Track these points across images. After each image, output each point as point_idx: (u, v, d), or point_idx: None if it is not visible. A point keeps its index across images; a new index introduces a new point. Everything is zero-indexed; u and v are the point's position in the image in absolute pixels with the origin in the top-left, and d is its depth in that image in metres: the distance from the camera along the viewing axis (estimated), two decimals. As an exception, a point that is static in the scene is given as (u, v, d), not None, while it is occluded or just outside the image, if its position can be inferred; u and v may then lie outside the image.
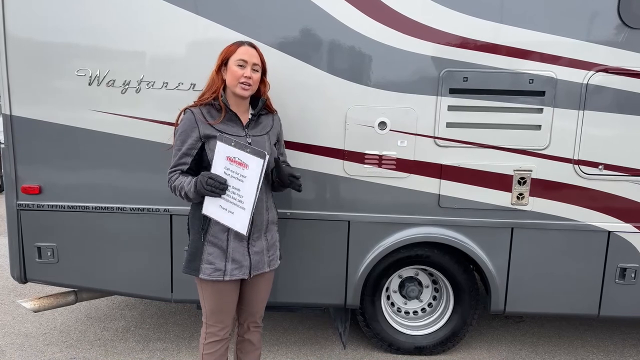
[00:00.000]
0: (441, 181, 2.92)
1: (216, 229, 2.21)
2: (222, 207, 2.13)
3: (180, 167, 2.22)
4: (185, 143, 2.20)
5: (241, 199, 2.09)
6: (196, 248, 2.24)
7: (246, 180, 2.07)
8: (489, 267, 3.03)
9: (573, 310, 3.11)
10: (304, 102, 2.87)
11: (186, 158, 2.21)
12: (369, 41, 2.79)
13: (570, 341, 3.59)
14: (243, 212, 2.09)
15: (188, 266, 2.26)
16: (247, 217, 2.09)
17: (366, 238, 3.01)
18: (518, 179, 2.91)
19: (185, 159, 2.21)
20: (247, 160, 2.06)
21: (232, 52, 2.25)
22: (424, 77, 2.82)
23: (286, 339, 3.53)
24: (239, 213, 2.10)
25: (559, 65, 2.80)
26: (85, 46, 2.81)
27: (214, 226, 2.21)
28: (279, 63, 2.81)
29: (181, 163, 2.21)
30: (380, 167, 2.91)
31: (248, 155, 2.05)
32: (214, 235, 2.21)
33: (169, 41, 2.80)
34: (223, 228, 2.20)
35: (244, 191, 2.08)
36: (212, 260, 2.21)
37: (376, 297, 3.21)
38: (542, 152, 2.89)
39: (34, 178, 2.93)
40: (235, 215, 2.10)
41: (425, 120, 2.86)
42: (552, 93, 2.82)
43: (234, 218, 2.11)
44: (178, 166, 2.22)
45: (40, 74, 2.83)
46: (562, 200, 2.94)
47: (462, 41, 2.78)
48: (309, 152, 2.91)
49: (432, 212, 2.96)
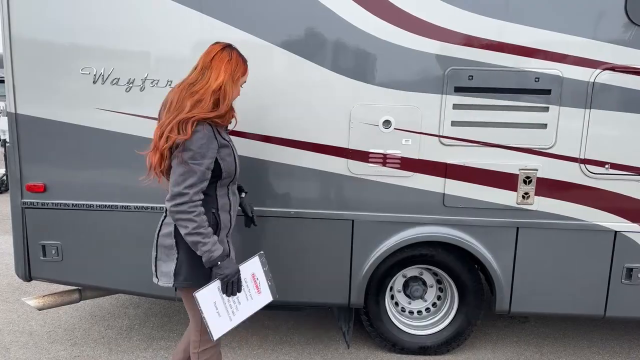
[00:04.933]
0: (446, 180, 2.90)
1: (222, 235, 2.17)
2: (215, 305, 2.08)
3: (203, 187, 2.03)
4: (205, 157, 2.01)
5: (235, 312, 2.14)
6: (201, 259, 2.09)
7: (250, 302, 2.20)
8: (494, 266, 3.01)
9: (579, 310, 3.09)
10: (308, 100, 2.86)
11: (208, 173, 2.05)
12: (374, 39, 2.77)
13: (576, 342, 3.57)
14: (228, 322, 2.13)
15: (189, 278, 2.11)
16: (227, 329, 2.13)
17: (370, 237, 3.00)
18: (524, 178, 2.88)
19: (207, 174, 2.04)
20: (263, 288, 2.24)
21: (243, 71, 2.18)
22: (429, 75, 2.81)
23: (290, 338, 3.52)
24: (223, 320, 2.11)
25: (566, 64, 2.78)
26: (89, 45, 2.81)
27: (221, 232, 2.17)
28: (283, 61, 2.80)
29: (205, 179, 2.03)
30: (384, 166, 2.89)
31: (267, 285, 2.25)
32: (221, 240, 2.16)
33: (173, 39, 2.80)
34: (225, 228, 2.19)
35: (242, 308, 2.16)
36: None
37: (380, 296, 3.19)
38: (548, 151, 2.86)
39: (38, 176, 2.93)
40: (220, 320, 2.10)
41: (430, 118, 2.85)
42: (558, 91, 2.79)
43: (217, 321, 2.09)
44: (201, 184, 2.01)
45: (44, 73, 2.83)
46: (568, 200, 2.92)
47: (468, 39, 2.77)
48: (313, 150, 2.90)
49: (436, 211, 2.95)
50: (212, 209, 2.13)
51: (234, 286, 2.08)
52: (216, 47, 2.13)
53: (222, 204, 2.17)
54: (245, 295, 2.17)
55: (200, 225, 1.99)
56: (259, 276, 2.23)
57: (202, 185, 2.02)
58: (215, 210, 2.14)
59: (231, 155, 2.16)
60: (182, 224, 2.00)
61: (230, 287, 2.07)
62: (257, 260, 2.23)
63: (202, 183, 2.02)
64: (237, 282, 2.09)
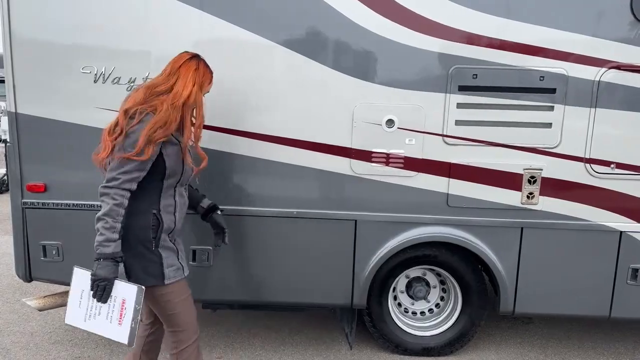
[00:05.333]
0: (450, 180, 2.87)
1: (164, 236, 2.14)
2: (82, 294, 2.04)
3: (138, 177, 2.00)
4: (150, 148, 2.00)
5: (91, 317, 2.04)
6: (150, 260, 2.10)
7: (107, 322, 2.03)
8: (498, 267, 2.99)
9: (583, 311, 3.06)
10: (310, 99, 2.83)
11: (146, 164, 2.02)
12: (376, 37, 2.75)
13: (581, 343, 3.54)
14: (81, 320, 2.05)
15: (147, 279, 2.08)
16: (77, 324, 2.06)
17: (373, 237, 2.97)
18: (528, 178, 2.86)
19: (145, 165, 2.01)
20: (125, 322, 2.01)
21: (209, 79, 2.24)
22: (433, 74, 2.78)
23: (292, 339, 3.50)
24: (79, 315, 2.05)
25: (570, 62, 2.75)
26: (90, 44, 2.79)
27: (162, 233, 2.13)
28: (284, 60, 2.78)
29: (141, 170, 2.01)
30: (387, 166, 2.87)
31: (129, 324, 2.00)
32: (164, 240, 2.14)
33: (174, 38, 2.77)
34: (168, 230, 2.14)
35: (99, 321, 2.03)
36: (171, 262, 2.15)
37: (383, 297, 3.16)
38: (553, 150, 2.84)
39: (39, 176, 2.91)
40: (77, 311, 2.04)
41: (434, 118, 2.82)
42: (563, 90, 2.77)
43: (75, 309, 2.04)
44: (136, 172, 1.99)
45: (45, 72, 2.81)
46: (573, 200, 2.89)
47: (472, 37, 2.74)
48: (315, 150, 2.87)
49: (440, 211, 2.92)
50: (153, 209, 2.10)
51: (98, 291, 1.97)
52: (185, 55, 2.19)
53: (165, 205, 2.13)
54: (107, 312, 2.02)
55: (111, 216, 1.96)
56: (128, 308, 2.00)
57: (137, 175, 2.01)
58: (157, 211, 2.11)
59: (179, 155, 2.11)
60: (101, 206, 1.99)
61: (95, 288, 1.97)
62: (134, 290, 2.00)
63: (138, 173, 2.01)
64: (103, 290, 1.97)
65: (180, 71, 2.13)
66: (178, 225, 2.21)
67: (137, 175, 2.01)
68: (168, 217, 2.15)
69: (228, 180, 2.92)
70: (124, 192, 1.99)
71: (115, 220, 1.97)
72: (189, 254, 2.94)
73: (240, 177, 2.92)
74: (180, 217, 2.22)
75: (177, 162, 2.12)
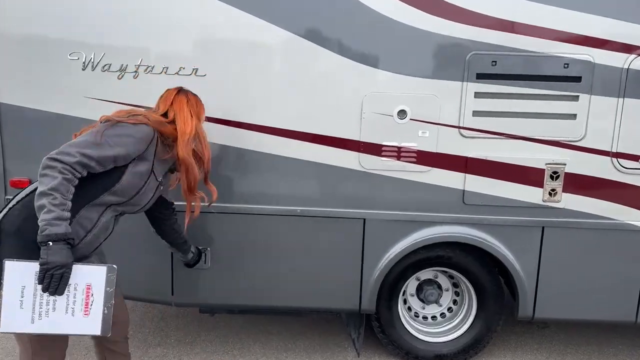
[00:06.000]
0: (466, 176, 2.69)
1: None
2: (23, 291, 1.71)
3: (93, 168, 1.78)
4: (124, 148, 1.83)
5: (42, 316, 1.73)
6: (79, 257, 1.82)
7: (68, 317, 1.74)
8: (517, 269, 2.80)
9: (608, 316, 2.88)
10: (315, 88, 2.65)
11: (107, 162, 1.80)
12: (388, 21, 2.56)
13: (601, 349, 3.35)
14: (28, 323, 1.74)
15: None
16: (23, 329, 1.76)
17: (383, 237, 2.79)
18: (550, 174, 2.67)
19: (106, 162, 1.80)
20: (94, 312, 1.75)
21: (202, 107, 2.21)
22: (449, 60, 2.59)
23: (295, 345, 3.32)
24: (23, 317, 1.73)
25: (597, 48, 2.56)
26: (78, 28, 2.60)
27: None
28: (287, 46, 2.60)
29: (100, 163, 1.78)
30: (399, 160, 2.68)
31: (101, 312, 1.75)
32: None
33: (169, 22, 2.58)
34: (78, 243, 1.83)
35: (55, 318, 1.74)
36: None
37: (393, 301, 2.98)
38: (577, 144, 2.65)
39: (23, 171, 2.73)
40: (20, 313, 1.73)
41: (450, 108, 2.63)
42: (589, 79, 2.58)
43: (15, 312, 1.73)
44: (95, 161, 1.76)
45: (29, 58, 2.62)
46: (599, 197, 2.71)
47: (491, 21, 2.55)
48: (320, 143, 2.69)
49: (455, 209, 2.74)
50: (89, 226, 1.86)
51: (53, 282, 1.65)
52: (171, 91, 2.15)
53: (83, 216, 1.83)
54: (66, 304, 1.73)
55: (59, 191, 1.67)
56: (96, 294, 1.74)
57: (94, 165, 1.77)
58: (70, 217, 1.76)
59: (144, 180, 1.92)
60: (43, 180, 1.69)
61: (48, 279, 1.65)
62: (102, 271, 1.75)
63: (96, 163, 1.77)
64: (59, 280, 1.66)
65: (174, 108, 2.07)
66: (82, 245, 1.85)
67: (93, 165, 1.77)
68: (76, 230, 1.80)
69: (224, 176, 2.72)
70: (74, 171, 1.72)
71: (64, 197, 1.68)
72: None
73: (238, 173, 2.73)
74: (91, 241, 1.89)
75: (135, 184, 1.91)
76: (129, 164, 1.87)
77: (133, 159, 1.87)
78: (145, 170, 1.92)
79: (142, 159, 1.90)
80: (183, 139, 2.01)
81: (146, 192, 1.97)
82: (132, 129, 1.88)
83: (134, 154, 1.87)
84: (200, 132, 2.11)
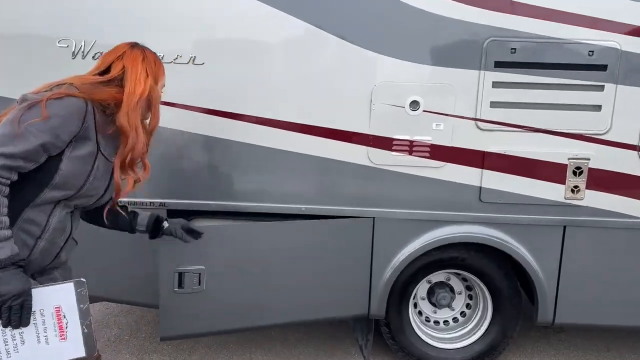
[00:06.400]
0: (483, 171, 2.54)
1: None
2: None
3: (22, 166, 1.45)
4: (51, 132, 1.46)
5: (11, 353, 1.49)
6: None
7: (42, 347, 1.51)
8: (537, 271, 2.64)
9: (633, 322, 2.72)
10: (321, 77, 2.50)
11: (39, 156, 1.48)
12: (399, 4, 2.40)
13: (622, 356, 3.19)
14: None
15: None
16: None
17: (394, 237, 2.64)
18: (573, 169, 2.52)
19: (37, 156, 1.47)
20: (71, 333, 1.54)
21: (162, 70, 1.79)
22: (465, 47, 2.44)
23: (298, 351, 3.17)
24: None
25: (624, 35, 2.41)
26: (68, 12, 2.44)
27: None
28: (289, 31, 2.45)
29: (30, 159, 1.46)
30: (411, 155, 2.53)
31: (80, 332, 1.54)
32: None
33: (164, 7, 2.44)
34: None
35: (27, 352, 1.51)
36: None
37: (403, 305, 2.81)
38: (602, 137, 2.50)
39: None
40: None
41: (466, 99, 2.48)
42: (616, 67, 2.43)
43: None
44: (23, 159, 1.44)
45: (16, 46, 2.48)
46: (625, 194, 2.55)
47: (510, 5, 2.40)
48: (326, 136, 2.54)
49: (471, 207, 2.58)
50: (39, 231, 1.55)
51: (13, 314, 1.42)
52: (122, 45, 1.72)
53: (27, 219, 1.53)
54: (36, 334, 1.50)
55: None
56: (69, 314, 1.52)
57: (22, 164, 1.45)
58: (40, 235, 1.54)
59: (89, 164, 1.58)
60: None
61: (7, 313, 1.41)
62: (70, 288, 1.52)
63: (24, 161, 1.45)
64: (19, 310, 1.42)
65: (126, 63, 1.65)
66: (37, 255, 1.57)
67: (21, 164, 1.45)
68: (24, 240, 1.52)
69: (219, 172, 2.58)
70: (3, 179, 1.43)
71: (0, 212, 1.41)
72: (174, 277, 2.45)
73: (236, 169, 2.57)
74: (46, 247, 1.59)
75: (79, 171, 1.56)
76: (65, 149, 1.52)
77: (70, 141, 1.52)
78: (89, 152, 1.57)
79: (81, 138, 1.54)
80: (129, 102, 1.61)
81: (97, 178, 1.62)
82: (56, 105, 1.49)
83: (66, 136, 1.51)
84: (153, 98, 1.70)
